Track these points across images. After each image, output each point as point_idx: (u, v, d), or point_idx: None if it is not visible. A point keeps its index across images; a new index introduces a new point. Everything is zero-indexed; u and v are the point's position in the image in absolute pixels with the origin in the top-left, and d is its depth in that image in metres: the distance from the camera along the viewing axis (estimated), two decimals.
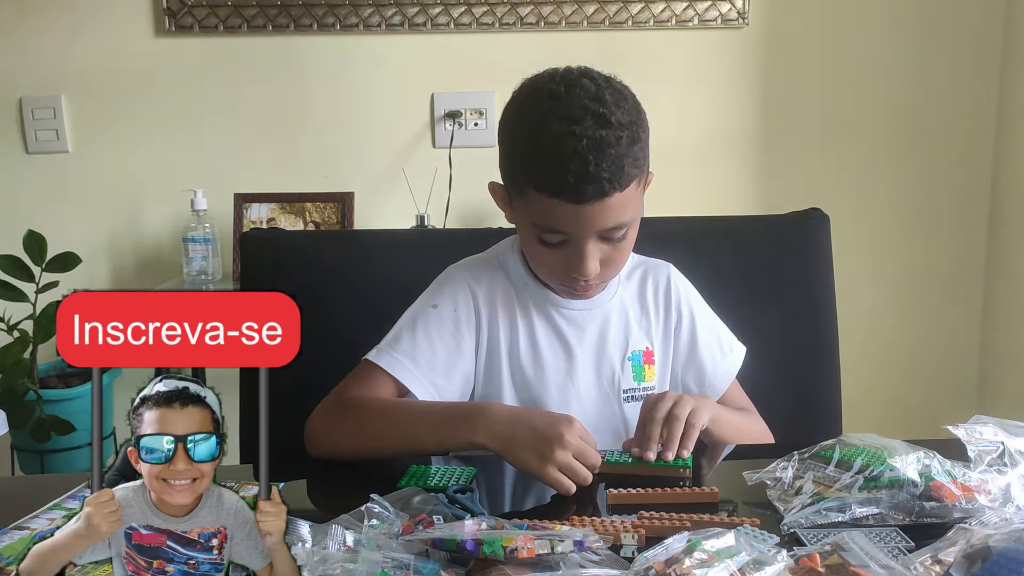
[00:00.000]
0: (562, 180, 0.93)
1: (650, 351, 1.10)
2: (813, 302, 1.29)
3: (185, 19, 2.14)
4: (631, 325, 1.10)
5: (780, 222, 1.34)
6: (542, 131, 0.94)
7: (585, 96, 0.96)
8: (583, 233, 0.96)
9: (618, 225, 0.97)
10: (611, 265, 1.02)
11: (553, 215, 0.95)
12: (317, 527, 0.68)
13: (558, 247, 0.99)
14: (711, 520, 0.76)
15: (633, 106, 1.00)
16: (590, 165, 0.92)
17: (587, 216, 0.94)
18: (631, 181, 0.95)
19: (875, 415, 2.04)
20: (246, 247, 1.32)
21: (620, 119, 0.95)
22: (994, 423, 0.83)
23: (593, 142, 0.92)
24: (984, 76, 2.22)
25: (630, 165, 0.94)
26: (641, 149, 0.97)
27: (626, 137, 0.94)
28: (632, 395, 1.09)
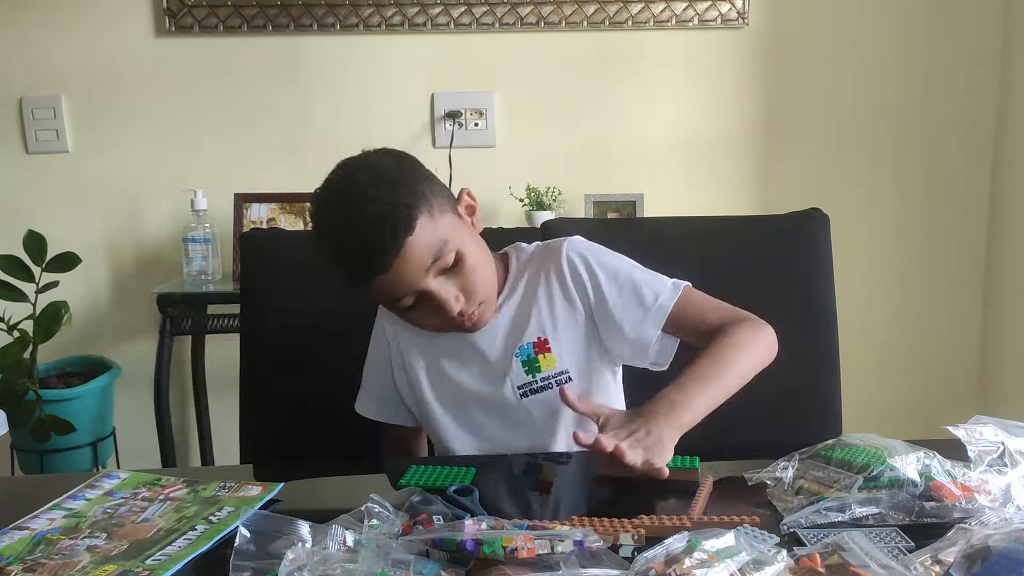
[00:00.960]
0: (361, 264, 0.98)
1: (543, 339, 1.09)
2: (813, 302, 1.29)
3: (185, 19, 2.14)
4: (517, 323, 1.11)
5: (780, 222, 1.34)
6: (324, 239, 1.02)
7: (340, 186, 1.02)
8: (417, 284, 1.00)
9: (436, 256, 0.99)
10: (471, 290, 1.03)
11: (387, 290, 1.00)
12: (317, 527, 0.68)
13: (418, 306, 1.02)
14: (711, 520, 0.76)
15: (389, 164, 1.04)
16: (368, 239, 0.97)
17: (404, 270, 0.98)
18: (414, 220, 0.97)
19: (875, 415, 2.05)
20: (246, 247, 1.32)
21: (374, 184, 0.98)
22: (994, 423, 0.83)
23: (357, 218, 0.97)
24: (984, 76, 2.22)
25: (402, 211, 0.97)
26: (409, 192, 0.99)
27: (385, 195, 0.97)
28: (529, 388, 1.09)
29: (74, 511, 0.84)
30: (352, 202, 0.99)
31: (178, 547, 0.75)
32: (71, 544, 0.77)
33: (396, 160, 1.06)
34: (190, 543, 0.76)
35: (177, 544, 0.76)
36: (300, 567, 0.62)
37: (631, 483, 0.89)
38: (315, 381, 1.26)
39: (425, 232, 0.98)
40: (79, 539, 0.78)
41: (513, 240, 1.21)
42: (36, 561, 0.73)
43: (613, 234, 1.40)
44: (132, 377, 2.16)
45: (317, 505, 0.91)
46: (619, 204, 2.18)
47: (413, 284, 1.00)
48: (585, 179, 2.21)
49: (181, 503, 0.85)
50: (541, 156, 2.22)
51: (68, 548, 0.76)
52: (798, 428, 1.22)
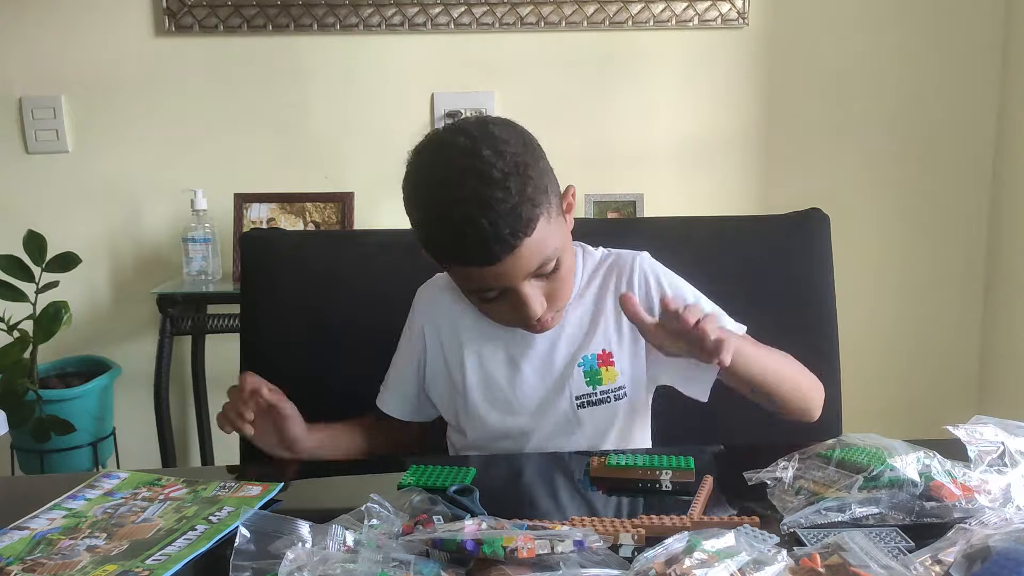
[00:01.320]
0: (466, 251, 0.94)
1: (607, 352, 1.08)
2: (813, 302, 1.29)
3: (185, 19, 2.14)
4: (584, 330, 1.09)
5: (780, 222, 1.34)
6: (430, 207, 0.95)
7: (461, 156, 0.93)
8: (512, 283, 0.97)
9: (543, 262, 0.97)
10: (557, 296, 1.02)
11: (477, 278, 0.97)
12: (317, 527, 0.68)
13: (499, 299, 1.00)
14: (711, 520, 0.76)
15: (516, 145, 0.96)
16: (485, 229, 0.91)
17: (507, 270, 0.95)
18: (535, 222, 0.93)
19: (875, 415, 2.05)
20: (246, 247, 1.32)
21: (503, 168, 0.92)
22: (994, 423, 0.83)
23: (481, 204, 0.91)
24: (984, 76, 2.22)
25: (528, 209, 0.92)
26: (535, 187, 0.94)
27: (515, 185, 0.92)
28: (588, 400, 1.08)
29: (74, 511, 0.84)
30: (476, 182, 0.91)
31: (178, 547, 0.75)
32: (71, 544, 0.77)
33: (523, 141, 0.98)
34: (190, 543, 0.76)
35: (177, 544, 0.76)
36: (300, 567, 0.62)
37: (632, 483, 0.89)
38: (315, 381, 1.26)
39: (541, 236, 0.94)
40: (79, 539, 0.78)
41: None
42: (36, 561, 0.73)
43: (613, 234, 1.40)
44: (132, 377, 2.16)
45: (317, 505, 0.91)
46: (619, 204, 2.18)
47: (510, 281, 0.96)
48: (585, 179, 2.21)
49: (181, 503, 0.85)
50: None
51: (68, 548, 0.76)
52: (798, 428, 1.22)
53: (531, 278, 0.97)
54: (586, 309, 1.10)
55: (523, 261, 0.94)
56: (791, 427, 1.12)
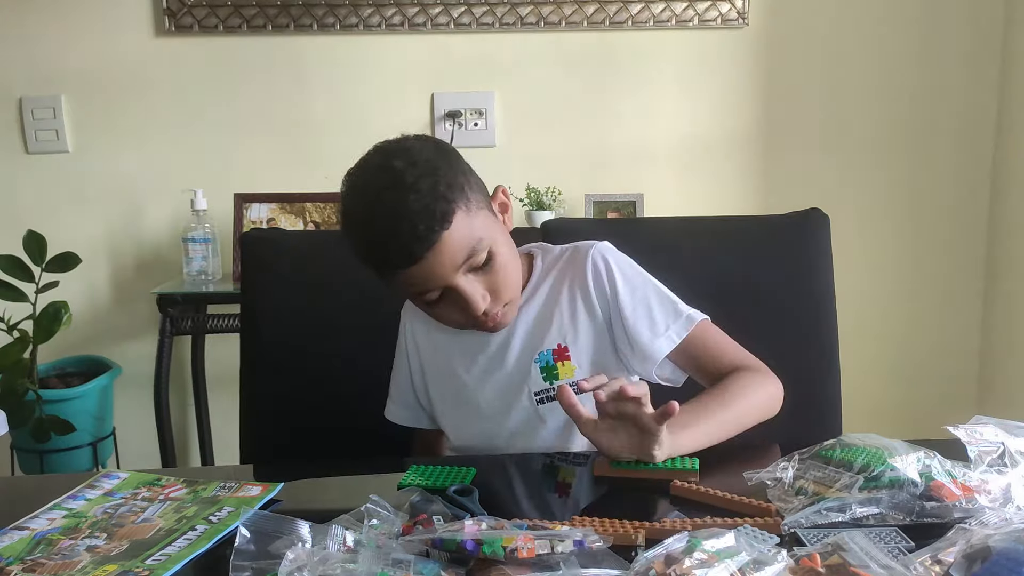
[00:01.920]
0: (391, 255, 0.96)
1: (563, 347, 1.08)
2: (813, 302, 1.29)
3: (185, 19, 2.14)
4: (538, 327, 1.10)
5: (780, 222, 1.34)
6: (356, 226, 0.99)
7: (377, 173, 0.98)
8: (446, 279, 0.98)
9: (469, 254, 0.97)
10: (498, 289, 1.02)
11: (412, 282, 0.98)
12: (317, 527, 0.68)
13: (443, 301, 1.01)
14: (711, 520, 0.76)
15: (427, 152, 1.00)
16: (402, 230, 0.94)
17: (434, 265, 0.96)
18: (451, 215, 0.95)
19: (875, 415, 2.05)
20: (246, 247, 1.32)
21: (413, 173, 0.95)
22: (994, 423, 0.83)
23: (395, 208, 0.94)
24: (984, 76, 2.22)
25: (442, 205, 0.94)
26: (448, 184, 0.96)
27: (425, 185, 0.94)
28: (546, 395, 1.08)
29: (74, 511, 0.84)
30: (389, 189, 0.95)
31: (178, 547, 0.75)
32: (71, 544, 0.77)
33: (436, 149, 1.02)
34: (190, 543, 0.76)
35: (177, 544, 0.76)
36: (300, 567, 0.62)
37: (631, 483, 0.89)
38: (315, 381, 1.26)
39: (461, 228, 0.96)
40: (79, 539, 0.78)
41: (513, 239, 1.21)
42: (36, 561, 0.73)
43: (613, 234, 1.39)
44: (132, 377, 2.16)
45: (317, 505, 0.91)
46: (619, 204, 2.18)
47: (442, 279, 0.98)
48: (585, 179, 2.21)
49: (181, 503, 0.85)
50: (541, 156, 2.22)
51: (68, 548, 0.76)
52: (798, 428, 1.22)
53: (464, 272, 0.98)
54: (539, 305, 1.11)
55: (447, 255, 0.96)
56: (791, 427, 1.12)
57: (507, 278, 1.03)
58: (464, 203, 0.97)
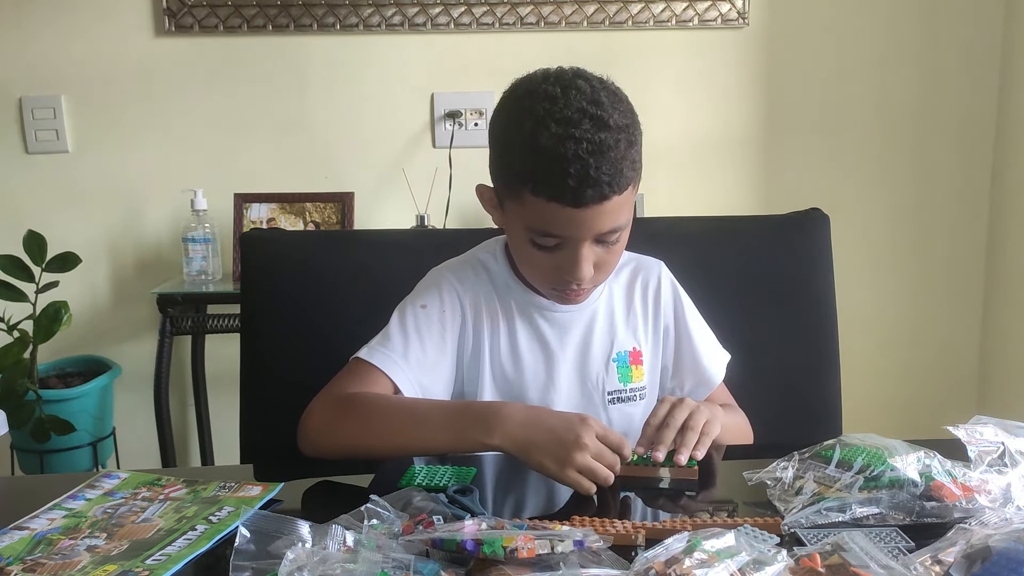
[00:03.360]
0: (562, 184, 0.91)
1: (638, 351, 1.09)
2: (813, 302, 1.29)
3: (185, 19, 2.14)
4: (617, 325, 1.09)
5: (780, 222, 1.34)
6: (539, 134, 0.92)
7: (582, 98, 0.94)
8: (580, 236, 0.95)
9: (614, 228, 0.96)
10: (603, 268, 1.01)
11: (550, 219, 0.94)
12: (317, 527, 0.68)
13: (552, 251, 0.98)
14: (711, 520, 0.76)
15: (628, 108, 0.99)
16: (591, 168, 0.90)
17: (585, 220, 0.93)
18: (628, 184, 0.95)
19: (875, 415, 2.05)
20: (246, 247, 1.32)
21: (617, 122, 0.94)
22: (994, 423, 0.83)
23: (593, 145, 0.91)
24: (984, 76, 2.22)
25: (628, 168, 0.94)
26: (637, 152, 0.97)
27: (624, 140, 0.93)
28: (618, 396, 1.08)
29: (74, 511, 0.84)
30: (594, 125, 0.91)
31: (178, 547, 0.75)
32: (71, 544, 0.77)
33: (632, 109, 1.00)
34: (190, 543, 0.76)
35: (177, 544, 0.76)
36: (300, 567, 0.62)
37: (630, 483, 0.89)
38: (315, 381, 1.26)
39: (624, 201, 0.95)
40: (79, 539, 0.78)
41: None
42: (36, 561, 0.73)
43: None
44: (132, 377, 2.16)
45: (317, 505, 0.91)
46: None
47: (577, 233, 0.94)
48: None
49: (181, 503, 0.85)
50: None
51: (68, 548, 0.76)
52: (798, 428, 1.22)
53: (594, 241, 0.97)
54: (617, 303, 1.10)
55: (603, 217, 0.94)
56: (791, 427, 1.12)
57: (615, 261, 1.03)
58: (636, 180, 0.97)
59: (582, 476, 0.84)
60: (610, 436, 0.87)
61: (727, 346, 1.17)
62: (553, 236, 0.96)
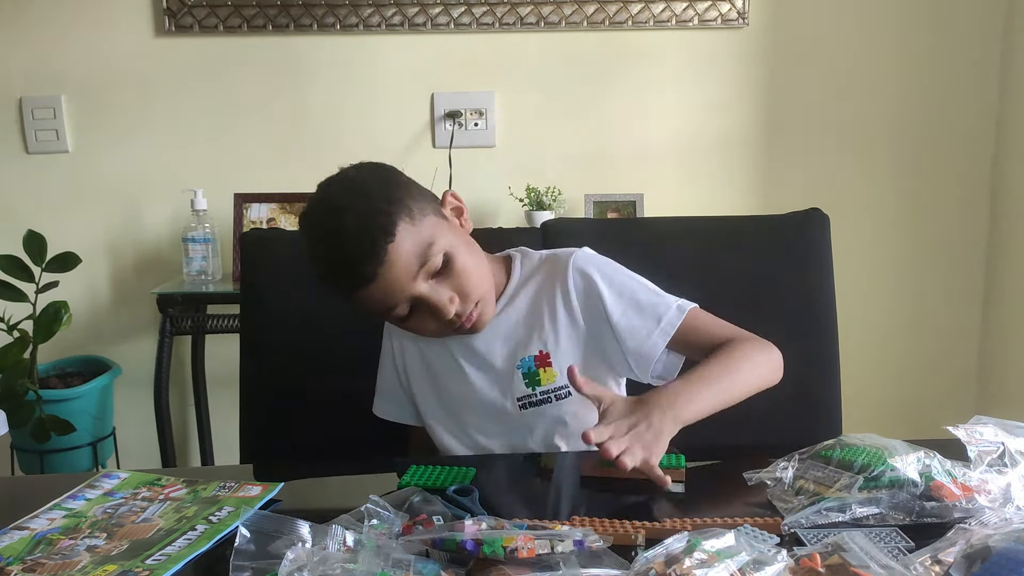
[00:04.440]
0: (345, 280, 0.98)
1: (544, 353, 1.08)
2: (813, 302, 1.29)
3: (185, 19, 2.14)
4: (520, 332, 1.09)
5: (780, 222, 1.34)
6: (310, 263, 1.00)
7: (322, 214, 1.00)
8: (408, 290, 0.98)
9: (422, 260, 0.98)
10: (468, 290, 1.02)
11: (376, 301, 0.99)
12: (317, 527, 0.68)
13: (414, 314, 1.01)
14: (711, 521, 0.76)
15: (363, 173, 1.03)
16: (347, 256, 0.96)
17: (391, 280, 0.97)
18: (393, 227, 0.96)
19: (875, 415, 2.05)
20: (246, 247, 1.32)
21: (347, 199, 0.98)
22: (994, 423, 0.83)
23: (331, 236, 0.97)
24: (984, 76, 2.23)
25: (381, 217, 0.96)
26: (386, 199, 0.98)
27: (360, 204, 0.97)
28: (528, 401, 1.08)
29: (74, 511, 0.84)
30: (329, 216, 0.98)
31: (178, 547, 0.75)
32: (71, 544, 0.77)
33: (371, 171, 1.05)
34: (190, 543, 0.76)
35: (177, 544, 0.76)
36: (300, 567, 0.62)
37: (630, 483, 0.89)
38: (315, 381, 1.26)
39: (407, 237, 0.97)
40: (79, 539, 0.78)
41: (513, 240, 1.21)
42: (36, 561, 0.73)
43: (613, 234, 1.40)
44: (132, 377, 2.16)
45: (317, 505, 0.91)
46: (619, 204, 2.18)
47: (403, 291, 0.98)
48: (585, 179, 2.21)
49: (181, 503, 0.85)
50: (541, 156, 2.22)
51: (68, 548, 0.76)
52: (798, 428, 1.22)
53: (424, 279, 0.99)
54: (520, 312, 1.10)
55: (399, 266, 0.96)
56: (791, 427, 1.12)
57: (473, 277, 1.02)
58: (406, 213, 0.98)
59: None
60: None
61: None
62: (394, 306, 1.00)
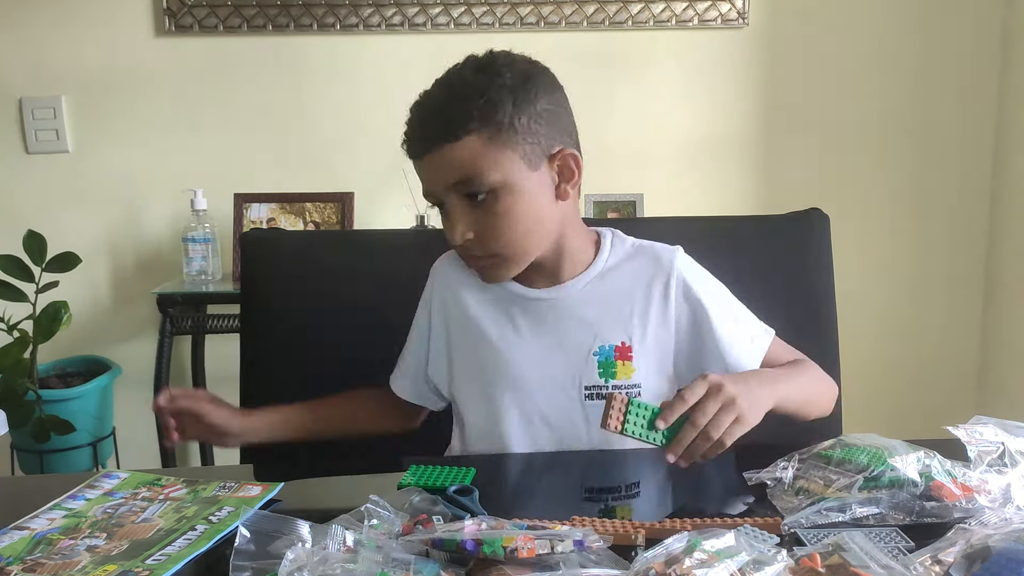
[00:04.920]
0: (407, 136, 0.98)
1: (627, 346, 1.01)
2: (813, 302, 1.29)
3: (185, 19, 2.14)
4: (605, 317, 1.03)
5: (780, 222, 1.34)
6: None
7: (457, 68, 0.99)
8: (436, 188, 0.98)
9: (462, 179, 0.95)
10: (490, 237, 0.97)
11: (419, 174, 1.00)
12: (317, 527, 0.68)
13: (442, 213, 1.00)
14: (711, 521, 0.76)
15: (502, 66, 0.98)
16: (417, 120, 0.97)
17: (427, 171, 0.98)
18: (461, 132, 0.93)
19: (875, 415, 2.05)
20: (246, 247, 1.32)
21: (463, 76, 0.97)
22: (994, 423, 0.83)
23: (428, 99, 0.97)
24: (984, 76, 2.22)
25: (456, 116, 0.94)
26: (487, 102, 0.94)
27: (458, 92, 0.95)
28: (597, 392, 1.01)
29: (74, 511, 0.84)
30: (441, 79, 0.98)
31: (178, 547, 0.75)
32: (71, 544, 0.77)
33: (524, 67, 1.01)
34: (190, 543, 0.76)
35: (177, 544, 0.76)
36: (300, 567, 0.62)
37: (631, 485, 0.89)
38: (315, 381, 1.26)
39: (466, 150, 0.94)
40: (79, 539, 0.78)
41: None
42: (36, 561, 0.73)
43: None
44: (132, 377, 2.16)
45: (317, 505, 0.91)
46: (619, 204, 2.18)
47: (433, 189, 0.98)
48: (585, 179, 2.20)
49: (181, 503, 0.85)
50: None
51: (68, 548, 0.76)
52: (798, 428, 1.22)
53: (456, 195, 0.97)
54: (609, 292, 1.04)
55: (439, 168, 0.96)
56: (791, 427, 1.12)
57: (506, 229, 0.97)
58: (491, 130, 0.94)
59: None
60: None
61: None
62: (428, 193, 1.00)
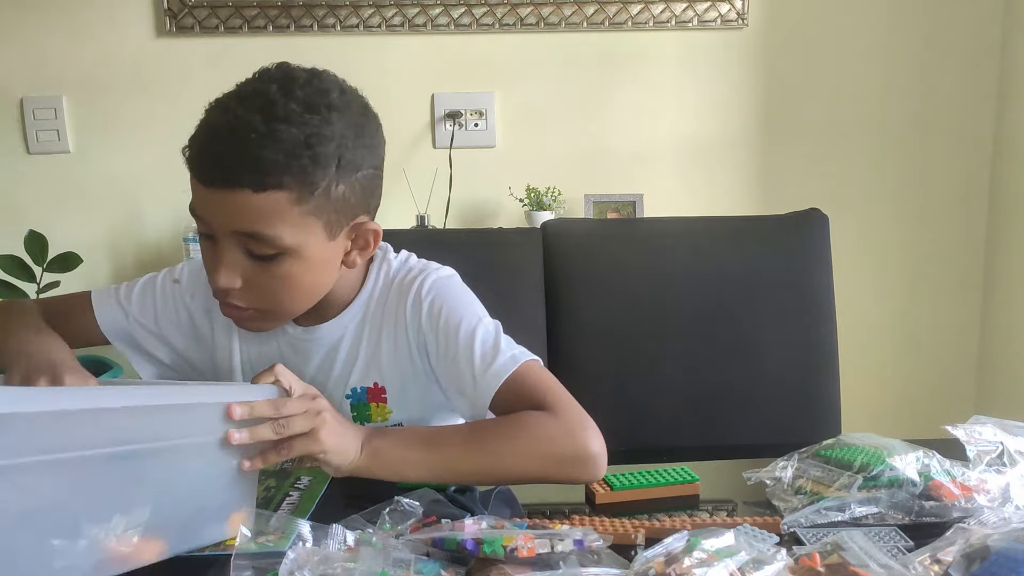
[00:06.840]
0: (195, 155, 0.84)
1: (380, 387, 0.96)
2: (813, 302, 1.29)
3: (186, 20, 2.14)
4: (359, 358, 0.97)
5: (780, 222, 1.34)
6: (213, 107, 0.86)
7: (272, 84, 0.84)
8: (215, 225, 0.84)
9: (254, 234, 0.82)
10: (259, 294, 0.87)
11: (197, 196, 0.85)
12: (317, 527, 0.68)
13: (205, 243, 0.88)
14: (711, 520, 0.76)
15: (347, 124, 0.87)
16: (223, 143, 0.81)
17: (213, 203, 0.83)
18: (273, 186, 0.81)
19: (875, 415, 2.05)
20: None
21: (299, 119, 0.81)
22: (993, 423, 0.83)
23: (240, 122, 0.80)
24: (984, 76, 2.22)
25: (271, 158, 0.80)
26: (311, 156, 0.81)
27: (296, 135, 0.81)
28: None
29: None
30: (259, 104, 0.82)
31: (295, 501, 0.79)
32: None
33: (357, 113, 0.90)
34: (302, 494, 0.80)
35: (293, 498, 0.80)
36: (300, 567, 0.62)
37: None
38: None
39: (267, 205, 0.81)
40: None
41: (514, 240, 1.21)
42: None
43: (613, 234, 1.40)
44: (132, 377, 2.15)
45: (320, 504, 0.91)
46: (619, 204, 2.18)
47: (213, 224, 0.85)
48: (585, 179, 2.21)
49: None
50: (541, 156, 2.22)
51: None
52: (798, 428, 1.23)
53: (234, 241, 0.84)
54: (364, 331, 0.97)
55: (228, 210, 0.82)
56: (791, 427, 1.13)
57: (279, 291, 0.87)
58: (303, 192, 0.82)
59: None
60: None
61: (727, 347, 1.16)
62: (199, 218, 0.86)
